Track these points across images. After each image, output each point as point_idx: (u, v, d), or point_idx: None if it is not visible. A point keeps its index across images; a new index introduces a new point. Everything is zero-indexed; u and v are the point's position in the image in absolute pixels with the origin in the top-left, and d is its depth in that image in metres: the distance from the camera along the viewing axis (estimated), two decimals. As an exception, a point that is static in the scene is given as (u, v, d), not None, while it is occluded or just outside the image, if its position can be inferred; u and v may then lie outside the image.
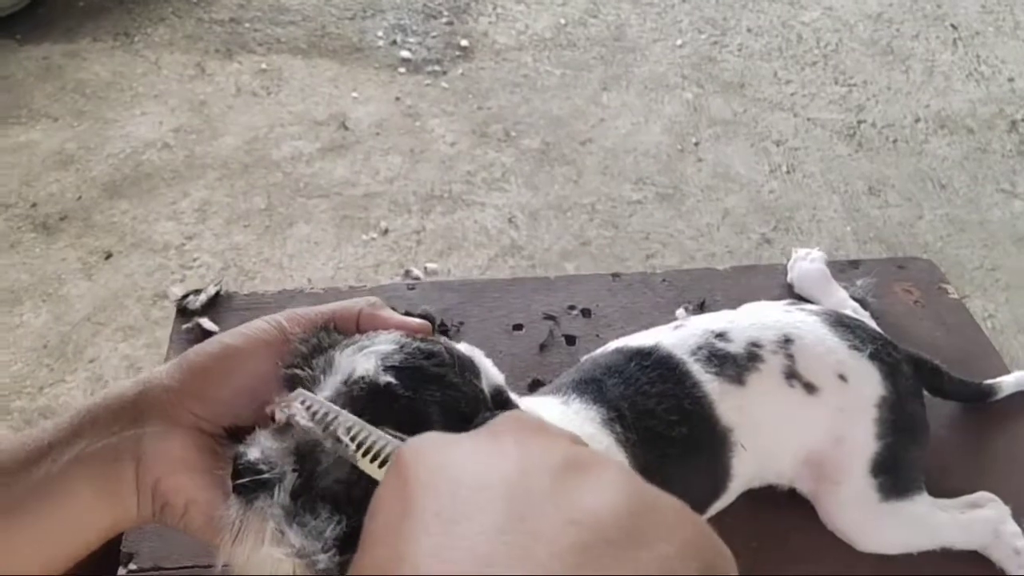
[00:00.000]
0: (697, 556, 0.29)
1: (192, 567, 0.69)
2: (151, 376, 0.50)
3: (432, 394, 0.45)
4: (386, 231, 2.23)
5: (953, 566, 0.73)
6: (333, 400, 0.45)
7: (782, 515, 0.75)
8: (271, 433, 0.45)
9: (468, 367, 0.49)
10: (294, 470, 0.43)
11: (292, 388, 0.46)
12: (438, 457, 0.31)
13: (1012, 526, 0.73)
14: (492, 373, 0.51)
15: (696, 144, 2.57)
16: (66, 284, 2.04)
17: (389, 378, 0.44)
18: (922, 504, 0.73)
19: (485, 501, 0.28)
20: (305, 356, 0.47)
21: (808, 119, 2.70)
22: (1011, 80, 2.86)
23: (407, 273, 2.09)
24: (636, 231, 2.28)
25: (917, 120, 2.71)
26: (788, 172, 2.50)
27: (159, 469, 0.47)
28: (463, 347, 0.51)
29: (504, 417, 0.31)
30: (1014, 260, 2.26)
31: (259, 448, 0.44)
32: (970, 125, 2.70)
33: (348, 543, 0.41)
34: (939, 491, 0.76)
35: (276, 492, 0.43)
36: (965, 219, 2.37)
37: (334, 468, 0.43)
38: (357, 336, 0.48)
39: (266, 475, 0.43)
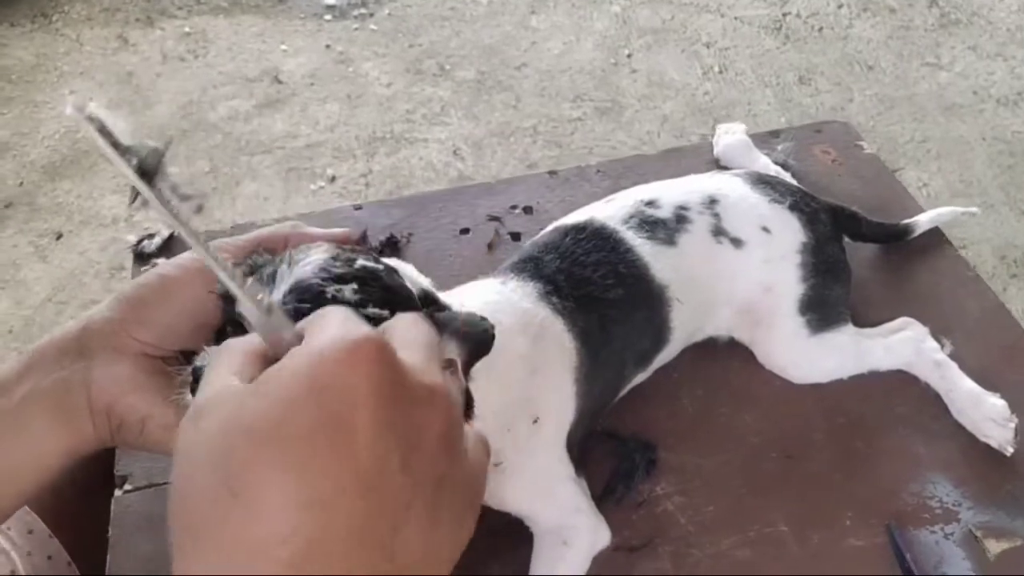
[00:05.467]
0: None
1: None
2: (92, 312, 0.52)
3: (373, 292, 0.48)
4: (333, 178, 2.24)
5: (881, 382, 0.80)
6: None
7: (722, 362, 0.81)
8: None
9: (396, 272, 0.52)
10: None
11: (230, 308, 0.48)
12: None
13: (931, 343, 0.79)
14: (418, 279, 0.55)
15: (629, 56, 2.60)
16: (22, 269, 2.04)
17: (331, 285, 0.47)
18: (848, 334, 0.79)
19: None
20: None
21: (735, 18, 2.73)
22: (927, -44, 2.91)
23: (360, 215, 2.12)
24: (579, 147, 2.32)
25: (840, 5, 2.75)
26: (720, 72, 2.54)
27: (111, 393, 0.50)
28: (387, 260, 0.55)
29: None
30: (943, 129, 2.34)
31: None
32: (891, 4, 2.76)
33: None
34: (866, 324, 0.83)
35: None
36: (894, 96, 2.44)
37: None
38: (289, 252, 0.50)
39: None
